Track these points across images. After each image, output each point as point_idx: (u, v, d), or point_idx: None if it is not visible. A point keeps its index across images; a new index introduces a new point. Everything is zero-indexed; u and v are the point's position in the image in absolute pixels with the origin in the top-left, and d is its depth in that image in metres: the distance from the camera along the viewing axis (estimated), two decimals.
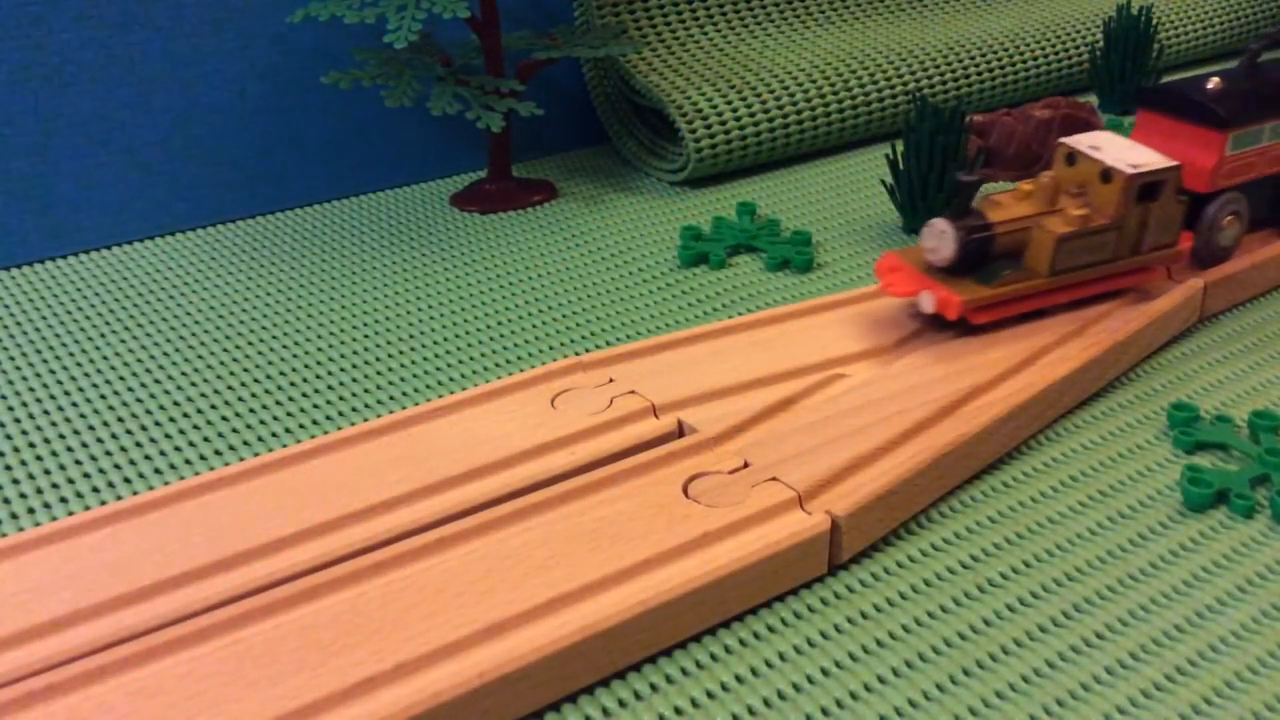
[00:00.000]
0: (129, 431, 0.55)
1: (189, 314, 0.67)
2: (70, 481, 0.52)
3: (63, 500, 0.50)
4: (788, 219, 0.78)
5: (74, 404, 0.58)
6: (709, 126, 0.83)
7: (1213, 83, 0.65)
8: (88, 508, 0.50)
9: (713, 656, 0.42)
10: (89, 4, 0.73)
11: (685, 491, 0.46)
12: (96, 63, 0.74)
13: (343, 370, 0.61)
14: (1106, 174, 0.58)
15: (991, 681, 0.41)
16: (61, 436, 0.55)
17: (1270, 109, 0.65)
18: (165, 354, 0.62)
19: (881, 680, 0.41)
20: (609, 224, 0.78)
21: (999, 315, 0.58)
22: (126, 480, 0.52)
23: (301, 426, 0.56)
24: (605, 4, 0.88)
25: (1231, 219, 0.64)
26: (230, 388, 0.59)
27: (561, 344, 0.63)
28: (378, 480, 0.47)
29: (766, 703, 0.40)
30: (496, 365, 0.61)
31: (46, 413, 0.57)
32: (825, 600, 0.45)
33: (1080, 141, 0.60)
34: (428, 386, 0.59)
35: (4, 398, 0.58)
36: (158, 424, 0.56)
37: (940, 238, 0.57)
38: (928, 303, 0.57)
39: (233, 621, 0.40)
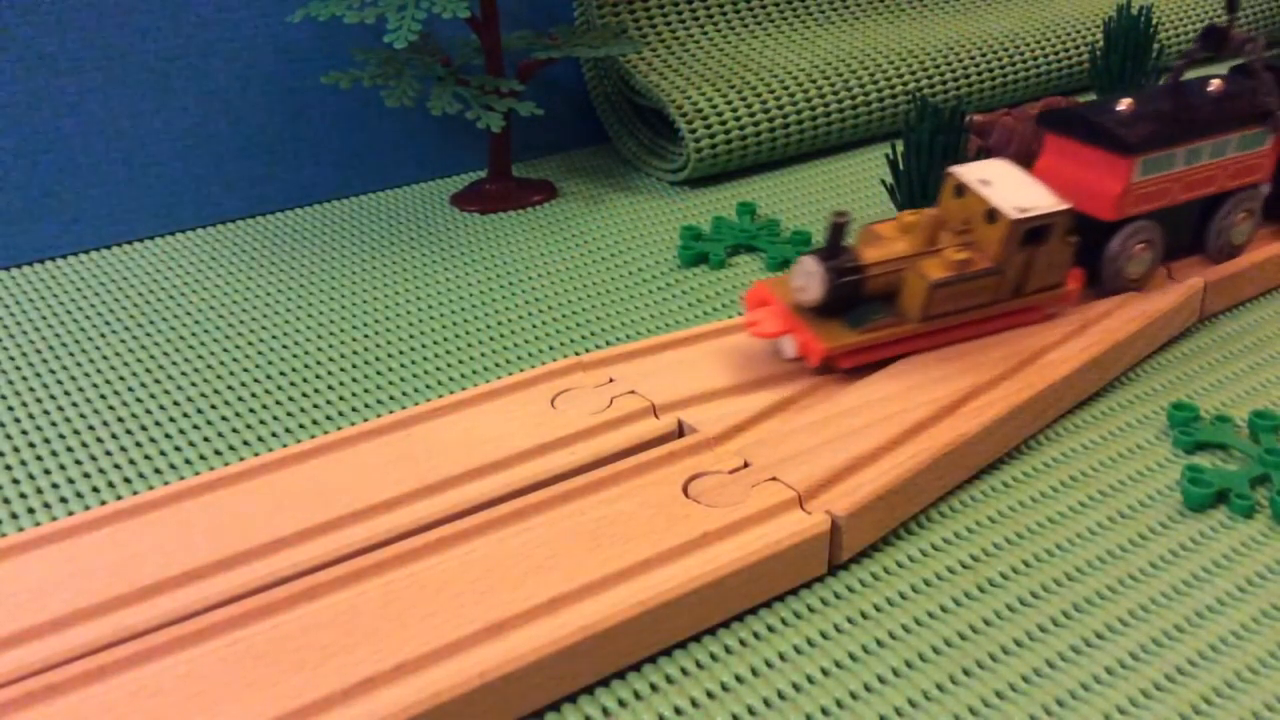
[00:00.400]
0: (129, 431, 0.55)
1: (189, 314, 0.67)
2: (70, 481, 0.52)
3: (63, 500, 0.50)
4: (788, 219, 0.78)
5: (74, 404, 0.58)
6: (709, 126, 0.83)
7: (1123, 104, 0.62)
8: (88, 508, 0.50)
9: (713, 656, 0.42)
10: (89, 4, 0.73)
11: (685, 491, 0.46)
12: (96, 63, 0.74)
13: (343, 370, 0.61)
14: (992, 214, 0.55)
15: (991, 681, 0.41)
16: (61, 436, 0.55)
17: (1184, 132, 0.61)
18: (165, 354, 0.62)
19: (881, 680, 0.41)
20: (609, 224, 0.78)
21: (867, 360, 0.54)
22: (126, 480, 0.52)
23: (301, 426, 0.56)
24: (605, 4, 0.88)
25: (1142, 248, 0.61)
26: (230, 388, 0.59)
27: (561, 344, 0.63)
28: (378, 480, 0.47)
29: (766, 703, 0.40)
30: (496, 365, 0.61)
31: (46, 413, 0.57)
32: (825, 600, 0.45)
33: (971, 173, 0.57)
34: (428, 386, 0.59)
35: (4, 398, 0.58)
36: (158, 424, 0.56)
37: (808, 277, 0.53)
38: (789, 348, 0.54)
39: (233, 621, 0.40)
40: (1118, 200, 0.59)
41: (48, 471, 0.52)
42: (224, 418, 0.57)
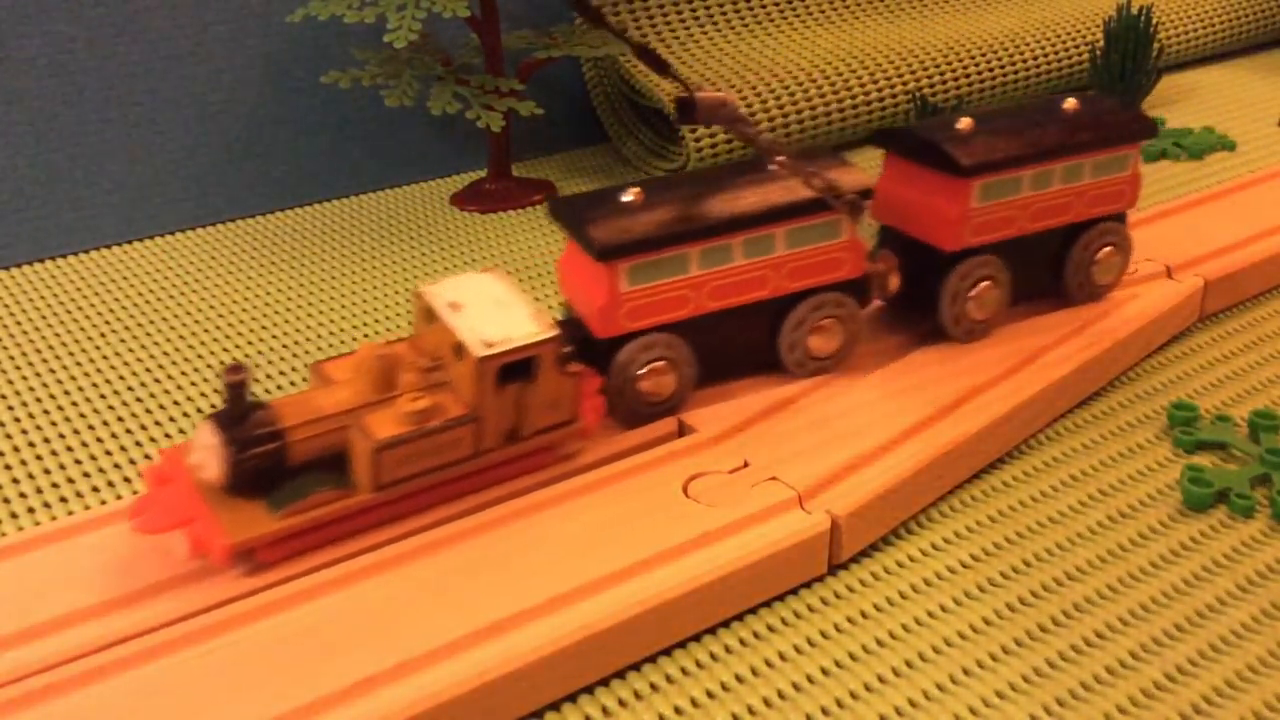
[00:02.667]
0: (129, 431, 0.55)
1: (189, 314, 0.67)
2: (70, 481, 0.52)
3: (63, 500, 0.50)
4: None
5: (74, 404, 0.58)
6: (709, 126, 0.82)
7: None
8: (88, 508, 0.50)
9: (713, 656, 0.42)
10: (89, 5, 0.73)
11: (685, 491, 0.46)
12: (96, 63, 0.74)
13: None
14: (461, 348, 0.44)
15: (991, 681, 0.41)
16: (61, 436, 0.55)
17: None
18: (165, 354, 0.62)
19: (881, 680, 0.41)
20: None
21: (305, 548, 0.43)
22: (126, 480, 0.52)
23: None
24: (605, 4, 0.88)
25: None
26: None
27: None
28: None
29: (766, 702, 0.40)
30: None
31: (46, 412, 0.57)
32: (825, 600, 0.45)
33: (442, 293, 0.46)
34: None
35: (4, 397, 0.58)
36: (157, 424, 0.56)
37: (206, 451, 0.42)
38: (186, 544, 0.42)
39: (233, 621, 0.40)
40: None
41: (48, 471, 0.52)
42: None
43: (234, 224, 0.80)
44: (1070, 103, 0.58)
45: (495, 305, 0.46)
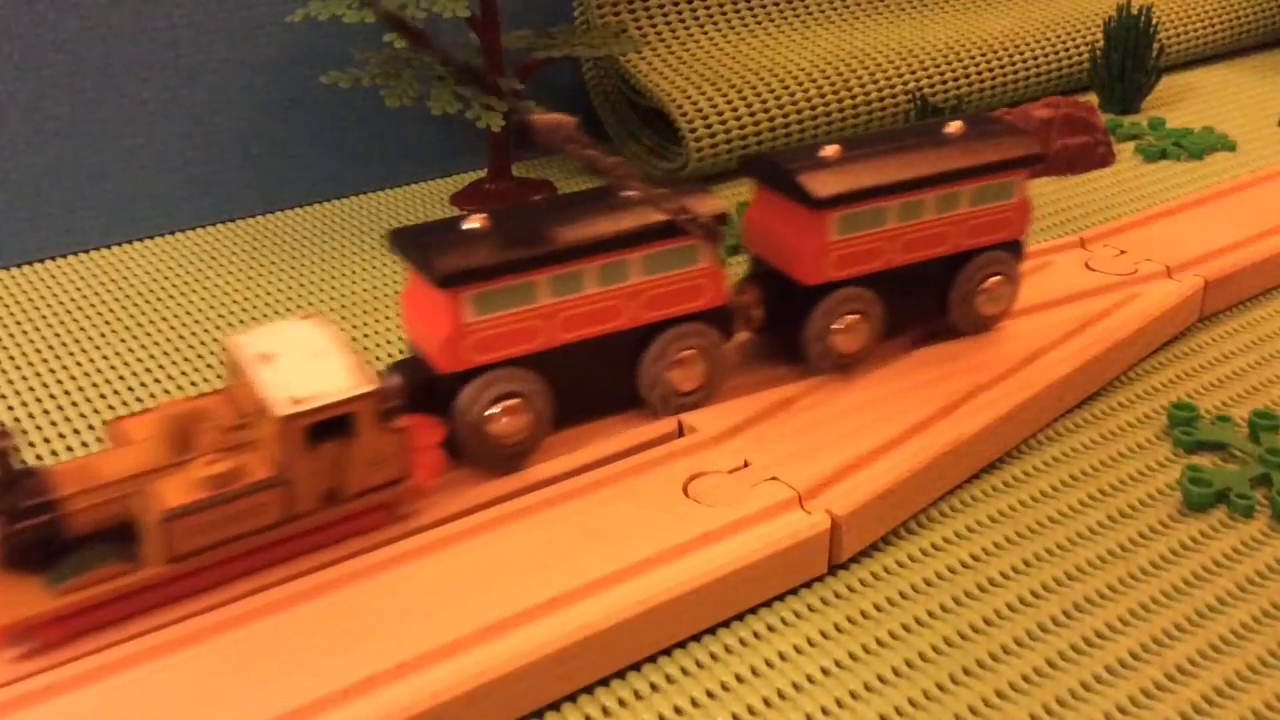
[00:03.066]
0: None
1: (189, 314, 0.67)
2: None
3: None
4: None
5: (74, 404, 0.58)
6: (709, 126, 0.83)
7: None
8: None
9: (713, 656, 0.42)
10: (88, 5, 0.73)
11: (685, 491, 0.46)
12: (96, 63, 0.74)
13: None
14: (265, 406, 0.40)
15: (991, 681, 0.41)
16: (61, 436, 0.55)
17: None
18: (165, 354, 0.62)
19: (881, 680, 0.41)
20: None
21: (88, 626, 0.39)
22: None
23: None
24: (605, 4, 0.88)
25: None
26: None
27: None
28: None
29: (766, 702, 0.40)
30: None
31: (46, 412, 0.57)
32: (825, 600, 0.45)
33: (251, 345, 0.43)
34: None
35: (4, 397, 0.58)
36: None
37: None
38: None
39: (233, 621, 0.40)
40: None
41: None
42: None
43: (233, 224, 0.79)
44: (954, 126, 0.55)
45: (311, 356, 0.42)
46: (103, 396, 0.58)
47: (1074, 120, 0.86)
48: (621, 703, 0.40)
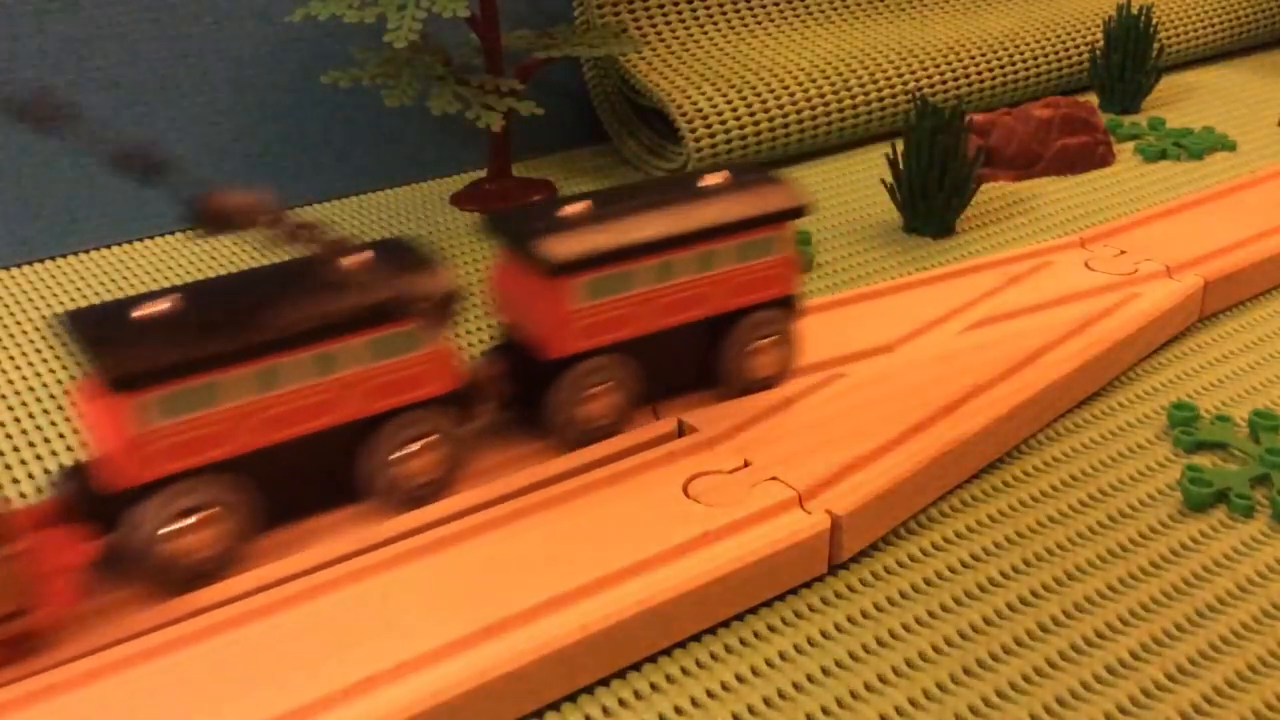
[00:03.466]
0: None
1: None
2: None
3: None
4: None
5: (74, 404, 0.58)
6: (709, 126, 0.83)
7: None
8: None
9: (713, 656, 0.42)
10: (87, 5, 0.73)
11: (685, 491, 0.46)
12: (95, 63, 0.74)
13: None
14: None
15: (991, 681, 0.41)
16: (61, 436, 0.55)
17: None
18: None
19: (881, 680, 0.41)
20: None
21: None
22: None
23: None
24: (605, 3, 0.88)
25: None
26: None
27: None
28: None
29: (767, 702, 0.40)
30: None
31: (46, 412, 0.57)
32: (825, 600, 0.45)
33: None
34: None
35: (4, 397, 0.58)
36: None
37: None
38: None
39: (233, 621, 0.40)
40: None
41: (48, 471, 0.52)
42: None
43: None
44: (716, 178, 0.51)
45: None
46: None
47: (1074, 120, 0.86)
48: (622, 703, 0.40)
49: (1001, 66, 0.98)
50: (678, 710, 0.40)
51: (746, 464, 0.48)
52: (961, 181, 0.73)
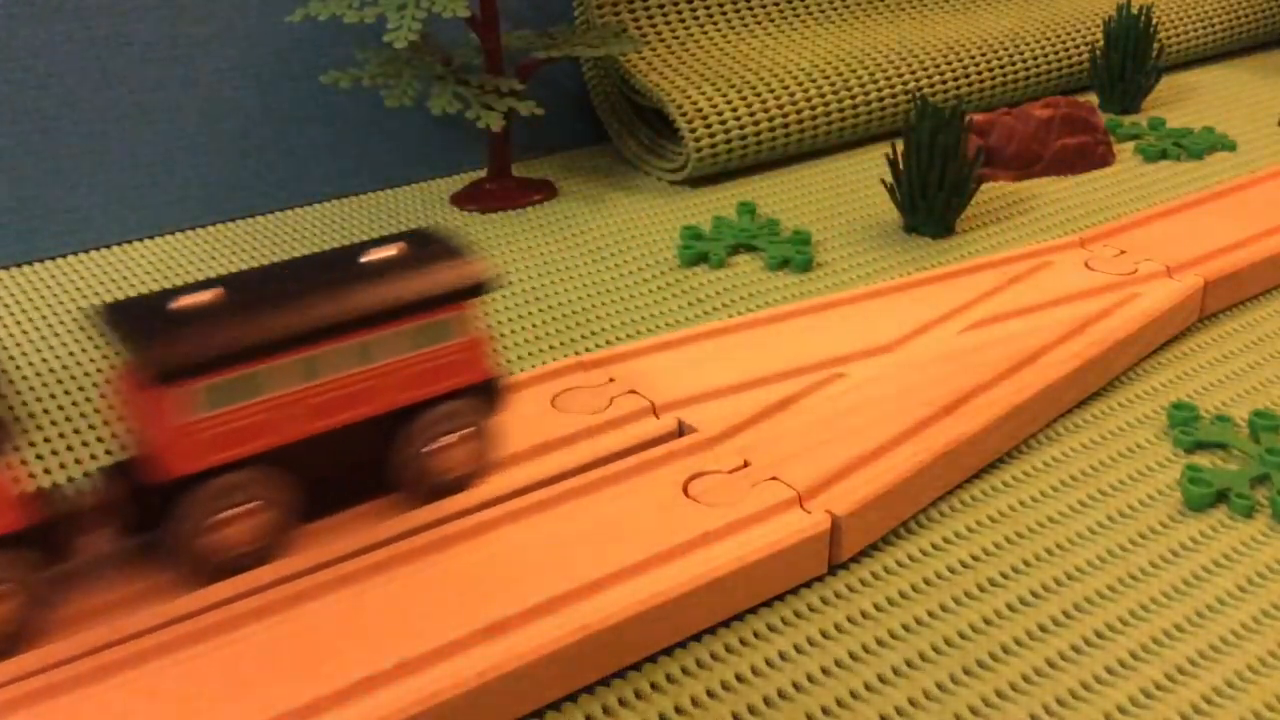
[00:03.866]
0: (130, 431, 0.55)
1: None
2: (70, 481, 0.52)
3: None
4: (787, 219, 0.78)
5: (74, 404, 0.58)
6: (709, 126, 0.83)
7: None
8: None
9: (713, 656, 0.42)
10: (87, 5, 0.73)
11: (685, 491, 0.46)
12: (95, 63, 0.74)
13: None
14: None
15: (992, 681, 0.41)
16: (62, 436, 0.55)
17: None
18: None
19: (881, 680, 0.41)
20: (609, 223, 0.78)
21: None
22: None
23: None
24: (605, 3, 0.88)
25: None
26: None
27: (561, 344, 0.63)
28: None
29: (767, 702, 0.40)
30: (496, 365, 0.61)
31: (46, 412, 0.57)
32: (825, 600, 0.45)
33: None
34: None
35: (3, 397, 0.58)
36: None
37: None
38: None
39: (233, 621, 0.40)
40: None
41: (48, 472, 0.52)
42: None
43: (233, 224, 0.79)
44: (382, 253, 0.44)
45: None
46: (103, 397, 0.58)
47: (1074, 120, 0.86)
48: (622, 702, 0.40)
49: (1001, 66, 0.98)
50: (678, 710, 0.40)
51: (746, 464, 0.48)
52: (961, 181, 0.73)
